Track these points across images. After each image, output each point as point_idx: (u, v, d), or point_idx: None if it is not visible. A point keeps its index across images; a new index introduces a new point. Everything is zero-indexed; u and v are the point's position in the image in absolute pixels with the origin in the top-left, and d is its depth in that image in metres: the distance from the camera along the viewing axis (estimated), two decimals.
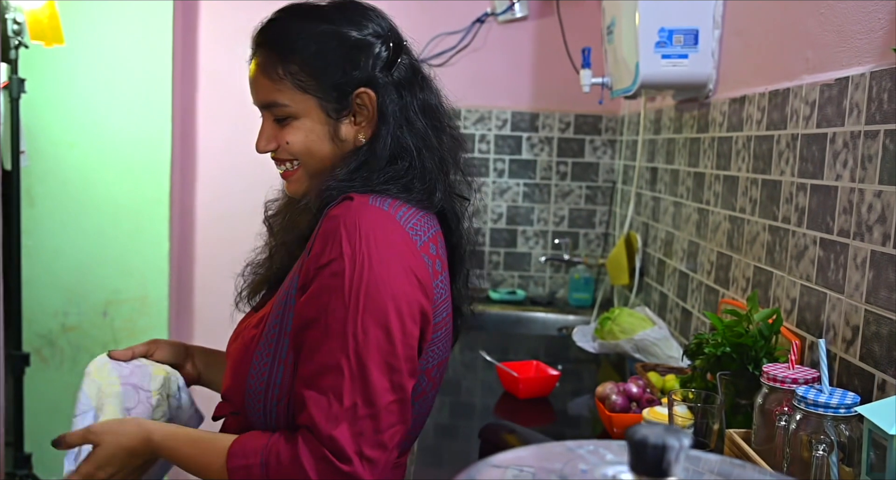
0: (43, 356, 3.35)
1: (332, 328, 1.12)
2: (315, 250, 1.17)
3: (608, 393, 1.84)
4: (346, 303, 1.12)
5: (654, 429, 0.61)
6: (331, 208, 1.20)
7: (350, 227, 1.15)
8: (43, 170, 3.25)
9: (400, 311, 1.14)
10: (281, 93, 1.25)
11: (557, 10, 3.27)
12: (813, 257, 1.50)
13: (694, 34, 2.16)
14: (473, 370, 2.37)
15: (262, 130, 1.29)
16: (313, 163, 1.28)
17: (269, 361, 1.20)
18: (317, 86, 1.24)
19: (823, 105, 1.49)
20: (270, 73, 1.25)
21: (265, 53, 1.26)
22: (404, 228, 1.21)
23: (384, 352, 1.12)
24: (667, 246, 2.50)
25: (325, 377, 1.11)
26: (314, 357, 1.13)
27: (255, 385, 1.20)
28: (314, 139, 1.26)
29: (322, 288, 1.14)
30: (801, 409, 1.18)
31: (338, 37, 1.25)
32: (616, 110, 3.34)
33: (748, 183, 1.85)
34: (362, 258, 1.13)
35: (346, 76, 1.25)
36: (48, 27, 2.91)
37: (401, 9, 3.27)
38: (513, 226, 3.44)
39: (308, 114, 1.25)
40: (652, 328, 2.27)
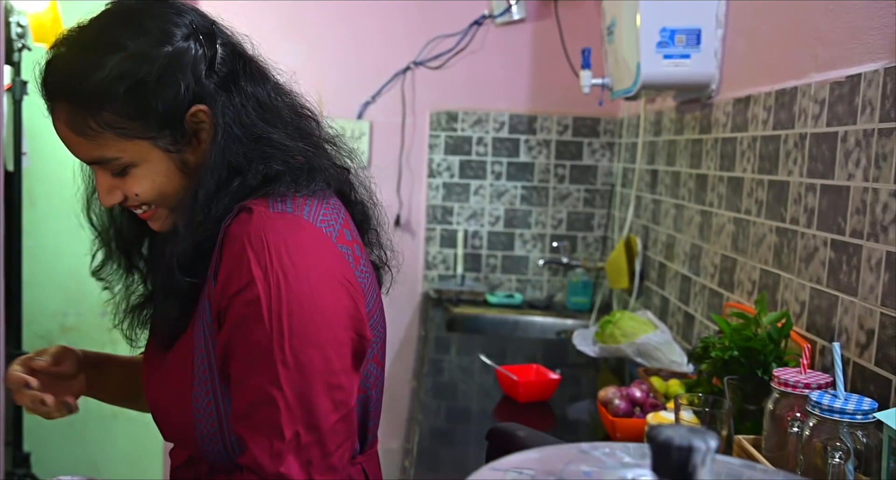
0: None
1: (257, 360, 1.01)
2: (221, 277, 1.05)
3: (611, 397, 1.81)
4: (268, 331, 1.01)
5: (679, 430, 0.57)
6: (228, 224, 1.07)
7: (256, 245, 1.03)
8: (43, 172, 3.25)
9: (330, 324, 1.05)
10: (105, 148, 1.07)
11: (555, 11, 3.24)
12: (823, 259, 1.46)
13: (696, 34, 2.13)
14: (470, 373, 2.33)
15: (100, 184, 1.12)
16: (170, 202, 1.13)
17: (212, 399, 1.09)
18: (142, 127, 1.07)
19: (834, 103, 1.46)
20: (83, 129, 1.06)
21: (66, 107, 1.06)
22: (315, 226, 1.09)
23: (321, 372, 1.02)
24: (668, 249, 2.47)
25: (258, 412, 1.01)
26: (242, 392, 1.03)
27: (206, 429, 1.09)
28: (163, 181, 1.11)
29: (239, 318, 1.03)
30: (816, 415, 1.15)
31: (146, 60, 1.05)
32: (615, 112, 3.31)
33: (754, 184, 1.82)
34: (276, 278, 1.02)
35: (173, 102, 1.07)
36: (51, 30, 2.93)
37: (397, 11, 3.28)
38: (510, 229, 3.41)
39: (145, 158, 1.09)
40: (654, 332, 2.24)
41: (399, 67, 3.32)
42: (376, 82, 3.31)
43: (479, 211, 3.40)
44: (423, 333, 2.83)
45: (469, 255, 3.41)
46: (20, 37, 2.93)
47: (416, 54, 3.31)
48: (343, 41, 3.31)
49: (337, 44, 3.30)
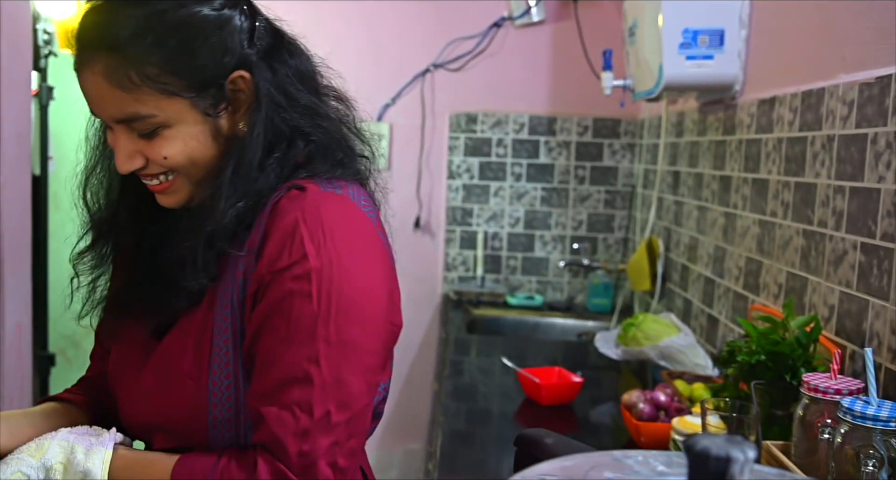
0: (67, 356, 3.38)
1: (297, 336, 1.00)
2: (268, 252, 1.02)
3: (635, 401, 1.79)
4: (315, 308, 1.00)
5: (716, 440, 0.57)
6: (277, 200, 1.05)
7: (311, 222, 1.02)
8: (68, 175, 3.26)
9: (374, 306, 1.05)
10: (142, 104, 1.03)
11: (575, 13, 3.23)
12: (853, 262, 1.45)
13: (719, 34, 2.11)
14: (491, 375, 2.33)
15: (120, 146, 1.06)
16: (196, 171, 1.09)
17: (232, 383, 1.05)
18: (186, 85, 1.04)
19: (863, 105, 1.44)
20: (122, 81, 1.01)
21: (107, 58, 1.02)
22: (361, 210, 1.09)
23: (360, 352, 1.02)
24: (691, 251, 2.45)
25: (291, 390, 0.99)
26: (273, 369, 1.00)
27: (221, 414, 1.05)
28: (195, 146, 1.07)
29: (284, 293, 1.01)
30: (848, 422, 1.13)
31: (195, 19, 1.04)
32: (635, 113, 3.30)
33: (779, 186, 1.80)
34: (329, 256, 1.01)
35: (218, 64, 1.05)
36: None
37: (417, 14, 3.28)
38: (530, 231, 3.39)
39: (181, 119, 1.05)
40: (678, 335, 2.22)
41: (418, 70, 3.31)
42: (396, 85, 3.31)
43: (499, 212, 3.39)
44: (443, 335, 2.82)
45: (489, 257, 3.40)
46: (47, 43, 2.97)
47: (435, 56, 3.31)
48: (362, 44, 3.31)
49: (356, 46, 3.30)
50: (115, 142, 1.07)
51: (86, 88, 1.06)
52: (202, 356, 1.06)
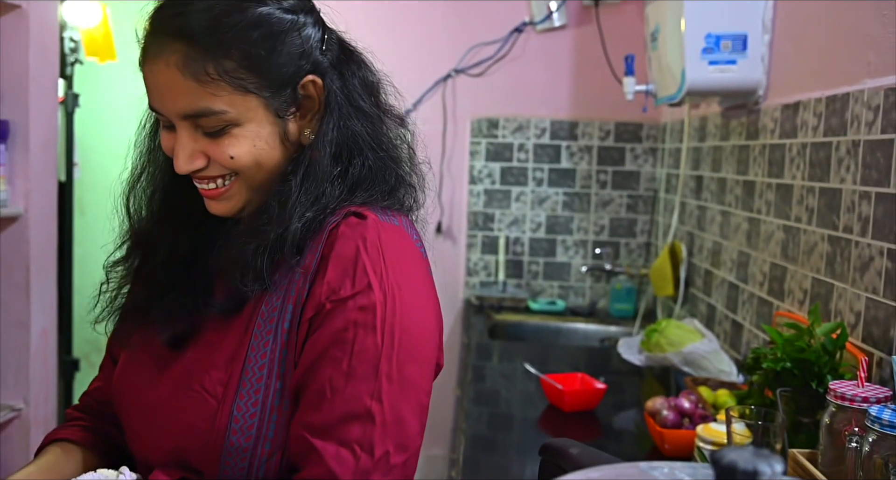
0: (91, 361, 3.43)
1: (359, 370, 0.96)
2: (330, 279, 0.99)
3: (659, 408, 1.79)
4: (378, 342, 0.97)
5: (743, 453, 0.57)
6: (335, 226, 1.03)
7: (372, 253, 1.00)
8: (93, 181, 3.32)
9: (429, 343, 1.04)
10: (216, 98, 1.00)
11: (597, 17, 3.22)
12: (880, 269, 1.43)
13: (742, 39, 2.11)
14: (513, 381, 2.32)
15: (182, 144, 1.03)
16: (259, 176, 1.06)
17: (258, 412, 1.00)
18: (262, 83, 1.02)
19: (889, 110, 1.43)
20: (198, 73, 0.98)
21: (186, 48, 0.99)
22: (414, 243, 1.09)
23: (418, 391, 1.00)
24: (714, 257, 2.44)
25: (351, 426, 0.95)
26: (333, 403, 0.96)
27: (238, 441, 0.99)
28: (263, 147, 1.04)
29: (346, 324, 0.97)
30: (876, 430, 1.13)
31: (274, 18, 1.02)
32: (657, 118, 3.29)
33: (804, 191, 1.79)
34: (392, 289, 0.99)
35: (294, 65, 1.04)
36: (102, 44, 3.02)
37: (438, 19, 3.29)
38: (552, 236, 3.39)
39: (252, 118, 1.02)
40: (701, 340, 2.21)
41: (440, 75, 3.32)
42: (417, 90, 3.32)
43: (520, 217, 3.39)
44: (465, 340, 2.83)
45: (511, 262, 3.40)
46: (73, 51, 3.01)
47: (456, 62, 3.31)
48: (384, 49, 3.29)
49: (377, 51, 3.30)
50: (177, 140, 1.04)
51: (155, 80, 1.02)
52: (232, 377, 1.01)
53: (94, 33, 3.03)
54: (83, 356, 3.34)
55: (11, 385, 2.37)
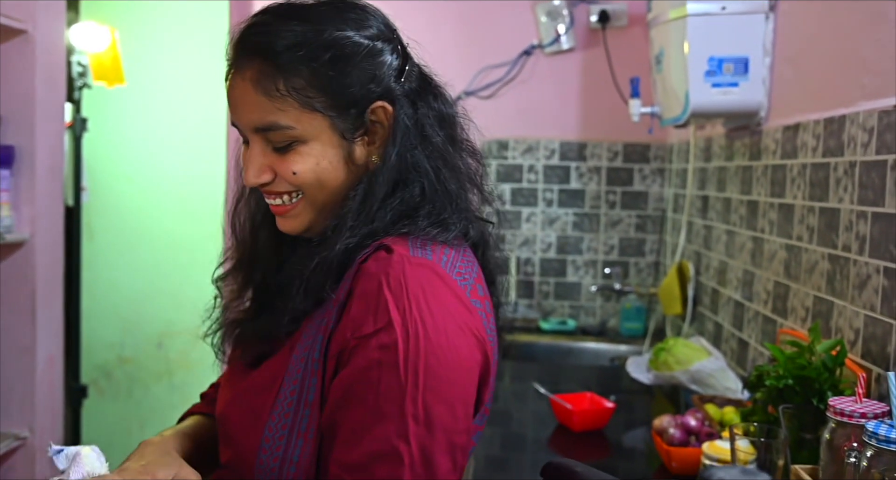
0: (100, 387, 3.42)
1: (386, 409, 0.96)
2: (353, 314, 1.00)
3: (665, 426, 1.81)
4: (401, 381, 0.96)
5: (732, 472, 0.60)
6: (364, 261, 1.03)
7: (396, 289, 0.99)
8: (102, 205, 3.35)
9: (461, 381, 1.01)
10: (283, 114, 1.04)
11: (604, 40, 3.27)
12: (877, 286, 1.46)
13: (744, 62, 2.15)
14: (524, 401, 2.35)
15: (252, 158, 1.07)
16: (322, 196, 1.08)
17: (286, 434, 1.03)
18: (329, 103, 1.05)
19: (882, 131, 1.47)
20: (268, 89, 1.03)
21: (259, 65, 1.04)
22: (452, 278, 1.05)
23: (448, 431, 0.99)
24: (720, 275, 2.47)
25: (380, 465, 0.96)
26: (362, 441, 0.97)
27: (267, 461, 1.03)
28: (326, 166, 1.07)
29: (369, 362, 0.97)
30: (873, 446, 1.15)
31: (349, 42, 1.06)
32: (664, 139, 3.33)
33: (805, 211, 1.82)
34: (415, 326, 0.98)
35: (363, 89, 1.06)
36: (110, 69, 3.03)
37: (448, 41, 3.34)
38: (562, 256, 3.42)
39: (318, 136, 1.06)
40: (708, 359, 2.23)
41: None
42: None
43: (531, 238, 3.43)
44: None
45: (522, 282, 3.43)
46: (81, 75, 3.03)
47: (466, 84, 3.36)
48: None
49: None
50: (248, 153, 1.09)
51: (233, 94, 1.08)
52: (268, 400, 1.05)
53: (102, 57, 3.04)
54: (91, 382, 3.32)
55: (16, 412, 2.31)
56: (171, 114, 3.32)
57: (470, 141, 1.19)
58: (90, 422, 3.25)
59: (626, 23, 3.27)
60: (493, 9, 3.35)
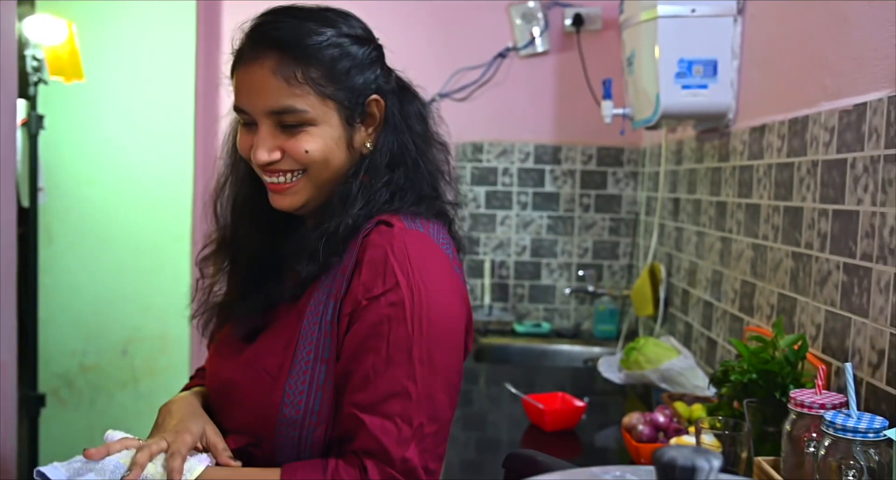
0: (61, 396, 3.26)
1: (396, 356, 1.13)
2: (364, 279, 1.16)
3: (635, 423, 1.83)
4: (409, 331, 1.14)
5: (683, 451, 0.60)
6: (367, 234, 1.20)
7: (399, 256, 1.16)
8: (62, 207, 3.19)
9: (455, 330, 1.19)
10: (300, 99, 1.18)
11: (578, 43, 3.30)
12: (836, 282, 1.49)
13: (713, 64, 2.18)
14: (499, 403, 2.36)
15: (263, 138, 1.20)
16: (324, 174, 1.23)
17: (306, 389, 1.18)
18: (338, 91, 1.20)
19: (843, 131, 1.50)
20: (288, 76, 1.17)
21: (279, 56, 1.18)
22: (440, 246, 1.23)
23: (446, 371, 1.17)
24: (691, 276, 2.49)
25: (392, 403, 1.13)
26: (376, 384, 1.14)
27: (290, 413, 1.18)
28: (333, 147, 1.21)
29: (380, 317, 1.14)
30: (830, 434, 1.17)
31: (353, 41, 1.23)
32: (638, 142, 3.36)
33: (770, 210, 1.85)
34: (418, 286, 1.15)
35: (365, 82, 1.24)
36: (68, 63, 2.88)
37: (423, 44, 3.35)
38: (537, 259, 3.44)
39: (327, 120, 1.20)
40: (678, 357, 2.26)
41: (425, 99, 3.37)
42: None
43: (505, 241, 3.44)
44: None
45: (496, 285, 3.45)
46: (36, 70, 2.86)
47: (441, 86, 3.38)
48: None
49: None
50: (258, 135, 1.20)
51: (248, 81, 1.20)
52: (285, 361, 1.19)
53: (59, 51, 2.89)
54: (51, 391, 3.18)
55: None
56: (134, 112, 3.19)
57: (440, 135, 1.36)
58: (49, 432, 3.11)
59: (600, 26, 3.30)
60: (468, 11, 3.37)
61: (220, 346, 1.33)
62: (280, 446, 1.19)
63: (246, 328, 1.27)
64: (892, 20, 1.36)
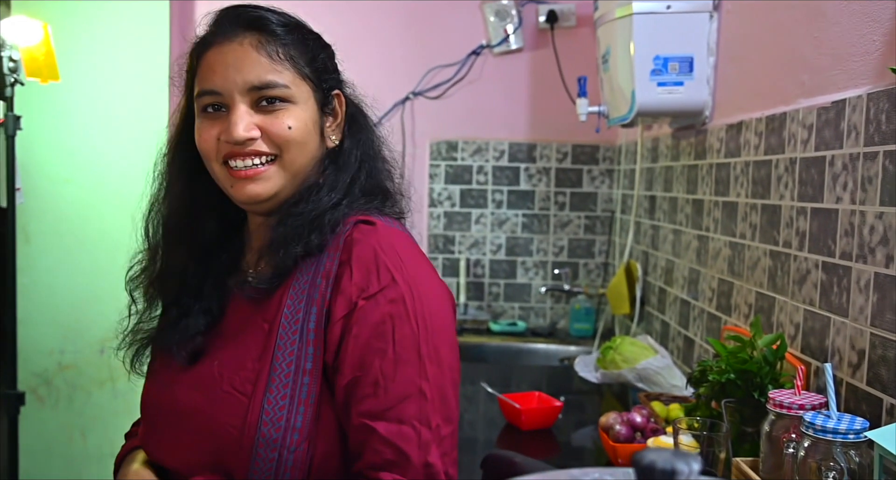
0: (39, 395, 3.31)
1: (405, 355, 1.07)
2: (356, 279, 1.10)
3: (612, 423, 1.82)
4: (414, 329, 1.08)
5: (662, 454, 0.58)
6: (349, 233, 1.14)
7: (389, 253, 1.12)
8: (39, 207, 3.24)
9: (451, 326, 1.16)
10: (281, 75, 1.16)
11: (552, 40, 3.29)
12: (815, 281, 1.48)
13: (689, 61, 2.16)
14: (475, 403, 2.34)
15: (240, 116, 1.14)
16: (299, 160, 1.18)
17: (287, 404, 1.08)
18: (313, 75, 1.20)
19: (821, 128, 1.49)
20: (270, 52, 1.16)
21: (259, 35, 1.17)
22: (418, 246, 1.21)
23: (451, 368, 1.12)
24: (667, 274, 2.48)
25: (408, 405, 1.06)
26: (388, 388, 1.06)
27: (269, 432, 1.07)
28: (310, 127, 1.19)
29: (382, 316, 1.08)
30: (810, 436, 1.16)
31: (321, 38, 1.26)
32: (613, 139, 3.35)
33: (747, 208, 1.84)
34: (413, 281, 1.11)
35: (331, 75, 1.24)
36: (44, 64, 2.93)
37: (396, 41, 3.33)
38: (512, 257, 3.42)
39: (305, 101, 1.18)
40: (654, 357, 2.25)
41: (398, 98, 3.36)
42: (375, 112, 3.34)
43: (480, 239, 3.42)
44: None
45: (471, 284, 3.42)
46: (13, 71, 2.90)
47: (415, 84, 3.35)
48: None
49: None
50: (234, 113, 1.15)
51: (224, 59, 1.16)
52: (261, 375, 1.10)
53: (34, 52, 2.94)
54: (30, 389, 3.20)
55: None
56: (110, 112, 3.23)
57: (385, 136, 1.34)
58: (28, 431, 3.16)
59: (574, 23, 3.29)
60: (441, 8, 3.34)
61: (159, 376, 1.25)
62: (254, 474, 1.08)
63: (188, 349, 1.19)
64: (871, 16, 1.35)
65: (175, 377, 1.20)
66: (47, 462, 2.94)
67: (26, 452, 3.01)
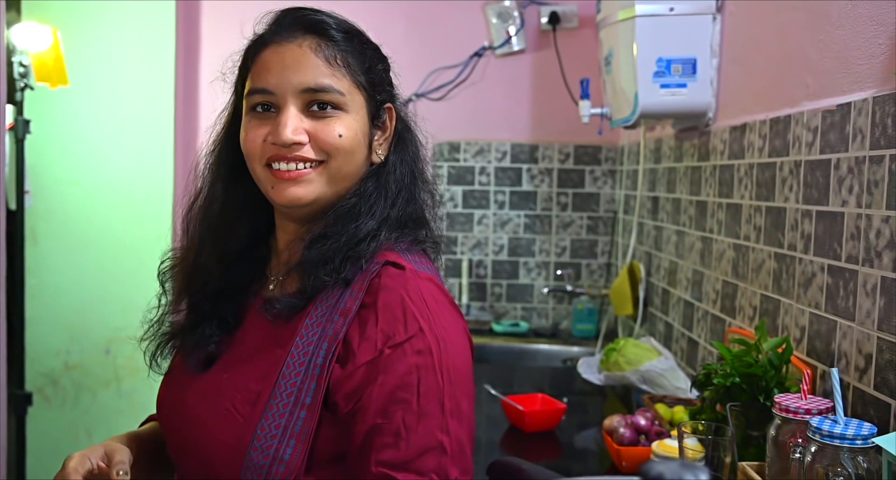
0: (46, 395, 3.35)
1: (428, 408, 1.06)
2: (382, 325, 1.07)
3: (616, 426, 1.81)
4: (439, 381, 1.06)
5: (671, 466, 0.58)
6: (376, 276, 1.11)
7: (417, 302, 1.09)
8: (46, 209, 3.29)
9: (470, 377, 1.13)
10: (336, 79, 1.13)
11: (555, 42, 3.28)
12: (821, 284, 1.48)
13: (692, 63, 2.16)
14: (478, 405, 2.30)
15: (290, 118, 1.12)
16: (345, 168, 1.15)
17: (279, 434, 1.07)
18: (367, 85, 1.17)
19: (826, 131, 1.48)
20: (328, 57, 1.14)
21: (317, 39, 1.15)
22: (445, 289, 1.17)
23: (470, 421, 1.11)
24: (670, 276, 2.48)
25: (428, 458, 1.05)
26: (409, 440, 1.05)
27: (257, 458, 1.06)
28: (360, 140, 1.16)
29: (409, 367, 1.06)
30: (817, 441, 1.16)
31: (379, 50, 1.23)
32: (615, 140, 3.34)
33: (752, 210, 1.83)
34: (439, 332, 1.08)
35: (385, 87, 1.21)
36: (53, 69, 2.98)
37: (399, 43, 3.29)
38: (514, 258, 3.42)
39: (357, 110, 1.15)
40: (658, 359, 2.24)
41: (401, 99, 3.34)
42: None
43: (483, 240, 3.42)
44: None
45: (474, 284, 3.42)
46: (23, 76, 2.97)
47: (417, 86, 3.35)
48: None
49: None
50: (284, 115, 1.13)
51: (281, 59, 1.14)
52: (260, 400, 1.09)
53: (44, 57, 2.99)
54: (37, 389, 3.25)
55: None
56: (117, 116, 3.27)
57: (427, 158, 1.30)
58: (35, 430, 3.19)
59: (576, 24, 3.29)
60: (444, 10, 3.34)
61: (175, 376, 1.25)
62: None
63: (201, 355, 1.19)
64: (876, 19, 1.34)
65: (189, 380, 1.20)
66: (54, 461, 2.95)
67: (33, 451, 3.04)
